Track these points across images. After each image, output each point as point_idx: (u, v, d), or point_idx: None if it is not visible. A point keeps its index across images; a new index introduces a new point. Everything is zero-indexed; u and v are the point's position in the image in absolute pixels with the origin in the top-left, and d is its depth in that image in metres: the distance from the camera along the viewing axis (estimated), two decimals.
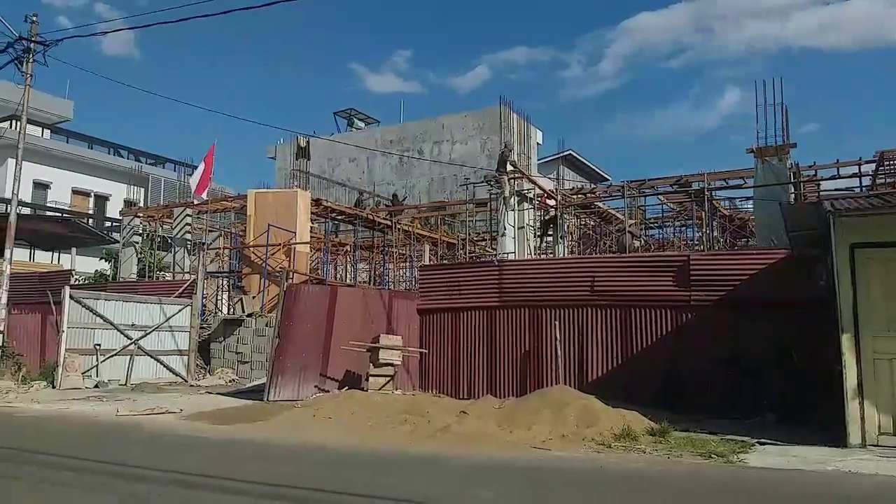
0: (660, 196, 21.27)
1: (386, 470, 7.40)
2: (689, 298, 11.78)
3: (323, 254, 25.67)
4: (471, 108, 32.98)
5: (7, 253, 17.14)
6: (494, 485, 6.70)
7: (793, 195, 16.26)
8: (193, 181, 22.93)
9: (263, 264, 19.19)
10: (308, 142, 33.18)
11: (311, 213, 21.63)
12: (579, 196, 20.82)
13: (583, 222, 23.08)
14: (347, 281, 25.87)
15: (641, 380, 11.72)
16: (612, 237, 22.96)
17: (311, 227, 22.58)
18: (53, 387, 14.97)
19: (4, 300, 16.71)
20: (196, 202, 23.89)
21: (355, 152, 34.01)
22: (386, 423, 9.82)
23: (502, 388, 12.78)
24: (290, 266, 18.70)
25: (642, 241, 20.04)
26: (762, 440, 8.69)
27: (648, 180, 19.35)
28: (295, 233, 19.64)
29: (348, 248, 27.70)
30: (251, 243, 20.13)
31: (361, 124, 38.96)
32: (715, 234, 20.18)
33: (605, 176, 37.26)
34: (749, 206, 23.64)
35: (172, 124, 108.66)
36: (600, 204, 21.72)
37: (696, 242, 21.05)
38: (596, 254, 21.05)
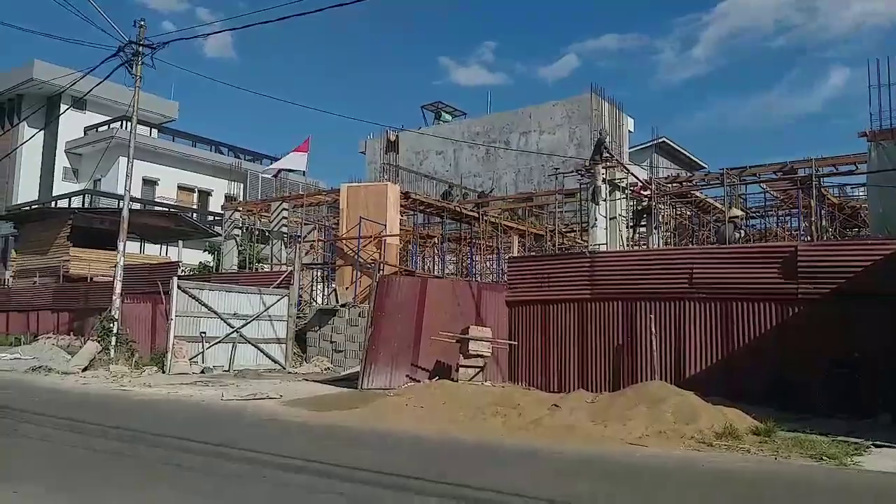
0: (762, 184, 20.17)
1: (481, 461, 7.41)
2: (796, 291, 11.16)
3: (412, 246, 25.98)
4: (558, 98, 32.40)
5: (120, 246, 18.31)
6: (591, 480, 6.57)
7: None
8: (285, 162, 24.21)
9: (356, 256, 19.63)
10: (397, 136, 33.71)
11: (401, 205, 21.91)
12: (675, 185, 20.06)
13: (678, 212, 22.22)
14: (435, 273, 26.09)
15: (743, 376, 11.24)
16: (709, 227, 22.00)
17: (401, 220, 22.88)
18: (163, 372, 15.89)
19: (119, 290, 17.81)
20: (271, 174, 25.03)
21: (442, 145, 34.20)
22: (477, 414, 9.84)
23: (594, 382, 12.55)
24: (380, 258, 19.04)
25: (742, 233, 19.06)
26: (878, 442, 8.13)
27: (750, 167, 18.41)
28: (385, 225, 19.97)
29: (436, 240, 27.92)
30: (344, 236, 20.62)
31: (448, 117, 39.10)
32: (823, 223, 18.96)
33: (701, 164, 35.75)
34: (861, 194, 22.13)
35: (269, 122, 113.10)
36: (697, 193, 20.85)
37: (802, 232, 19.87)
38: (693, 245, 20.24)
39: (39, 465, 6.67)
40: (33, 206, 34.22)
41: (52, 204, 33.86)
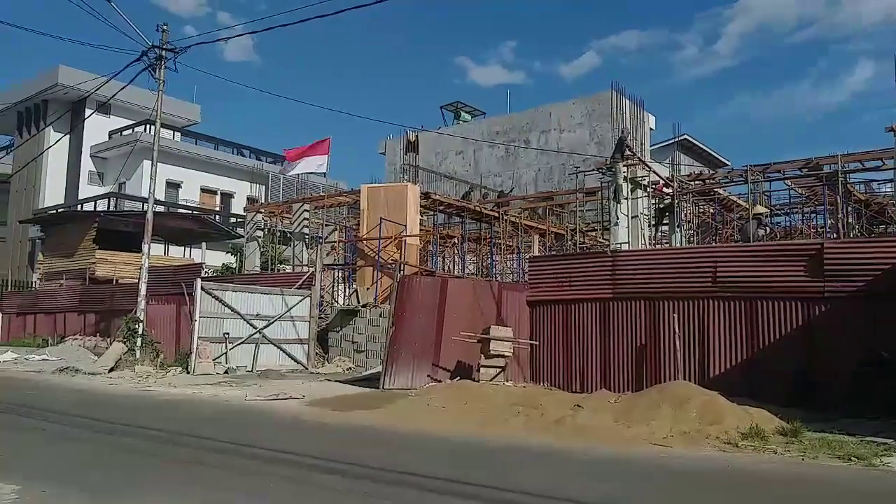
0: (786, 181, 19.90)
1: (505, 462, 7.39)
2: (822, 290, 10.99)
3: (432, 246, 26.01)
4: (578, 96, 32.20)
5: (145, 248, 18.54)
6: (617, 481, 6.53)
7: None
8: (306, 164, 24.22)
9: (376, 257, 19.70)
10: (417, 136, 33.79)
11: (421, 206, 21.95)
12: (697, 182, 19.85)
13: (701, 210, 21.99)
14: (455, 273, 26.10)
15: (768, 376, 11.10)
16: (733, 225, 21.75)
17: (421, 220, 22.91)
18: (188, 372, 16.06)
19: (144, 292, 18.04)
20: (286, 166, 25.15)
21: (462, 145, 34.19)
22: (499, 415, 9.83)
23: (617, 382, 12.47)
24: (401, 258, 19.09)
25: (766, 230, 18.79)
26: None
27: (774, 164, 18.17)
28: (405, 226, 20.01)
29: (456, 240, 27.92)
30: (364, 236, 20.71)
31: (468, 117, 39.06)
32: (849, 220, 18.65)
33: (724, 161, 35.40)
34: (888, 190, 21.79)
35: (290, 124, 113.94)
36: (720, 190, 20.62)
37: (828, 230, 19.57)
38: (716, 243, 20.03)
39: (67, 464, 6.78)
40: (60, 210, 34.81)
41: (78, 207, 34.39)
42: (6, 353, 20.60)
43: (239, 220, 35.50)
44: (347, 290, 23.76)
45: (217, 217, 36.75)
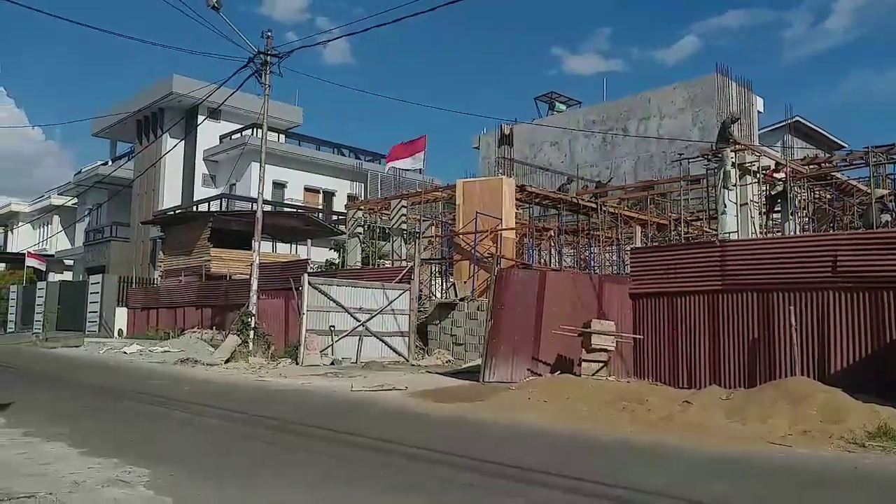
0: None
1: (614, 458, 7.26)
2: None
3: (527, 239, 25.83)
4: (679, 81, 30.92)
5: (255, 245, 19.50)
6: (731, 480, 6.27)
7: None
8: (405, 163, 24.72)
9: (472, 251, 19.79)
10: (511, 129, 33.64)
11: (516, 199, 21.84)
12: (812, 167, 18.65)
13: (816, 196, 20.64)
14: (552, 265, 25.80)
15: None
16: (852, 211, 20.27)
17: (516, 213, 22.80)
18: (296, 363, 16.79)
19: (255, 287, 18.98)
20: (388, 168, 25.75)
21: (556, 136, 33.69)
22: (602, 410, 9.66)
23: (727, 377, 11.94)
24: (497, 252, 19.09)
25: (892, 215, 17.40)
26: None
27: None
28: (501, 219, 19.99)
29: (552, 232, 27.59)
30: (460, 231, 20.85)
31: (563, 107, 38.37)
32: None
33: (840, 143, 33.02)
34: None
35: (386, 122, 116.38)
36: (838, 174, 19.26)
37: None
38: (833, 230, 18.77)
39: (192, 450, 7.25)
40: (177, 211, 37.09)
41: (194, 208, 36.51)
42: (132, 346, 22.28)
43: (340, 217, 36.57)
44: (445, 283, 24.01)
45: (320, 215, 38.00)
